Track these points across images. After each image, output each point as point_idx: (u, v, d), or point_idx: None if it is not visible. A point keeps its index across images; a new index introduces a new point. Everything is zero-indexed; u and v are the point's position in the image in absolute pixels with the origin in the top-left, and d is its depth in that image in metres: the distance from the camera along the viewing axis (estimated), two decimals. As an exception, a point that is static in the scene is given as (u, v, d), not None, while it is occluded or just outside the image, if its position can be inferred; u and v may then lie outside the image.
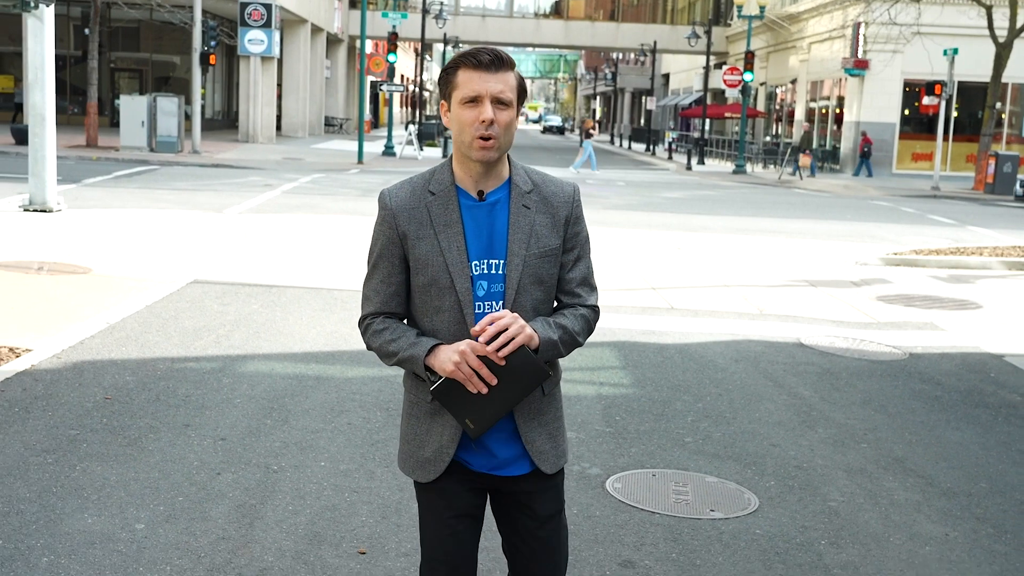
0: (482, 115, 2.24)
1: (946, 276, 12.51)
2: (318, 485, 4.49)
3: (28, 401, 5.42)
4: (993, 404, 6.66)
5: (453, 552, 2.39)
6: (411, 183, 2.39)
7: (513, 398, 2.26)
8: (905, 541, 4.33)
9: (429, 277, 2.32)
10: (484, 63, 2.26)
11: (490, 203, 2.35)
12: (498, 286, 2.33)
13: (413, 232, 2.34)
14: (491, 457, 2.37)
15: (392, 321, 2.39)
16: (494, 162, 2.32)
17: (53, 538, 3.80)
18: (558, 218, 2.39)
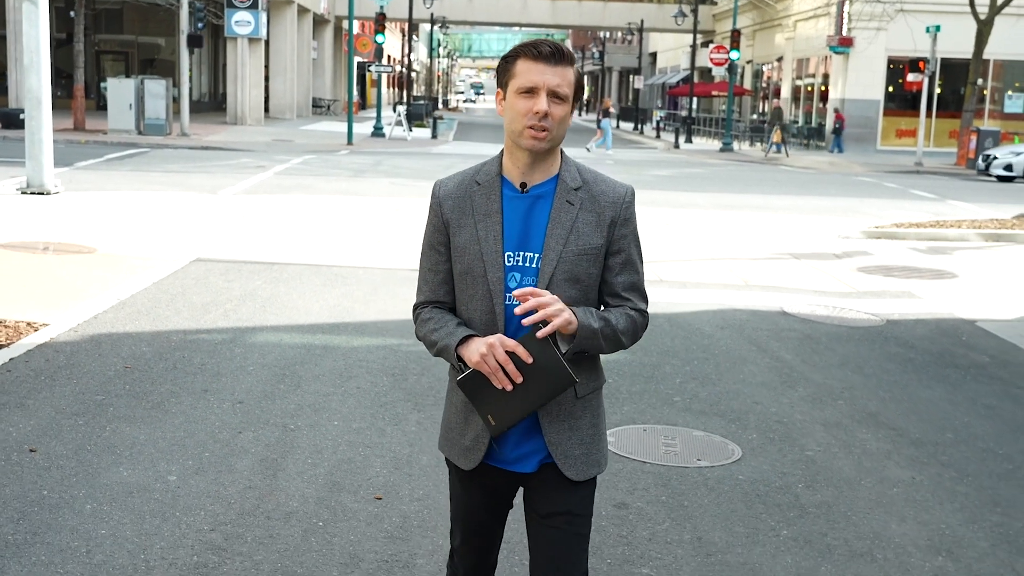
0: (536, 106, 2.24)
1: (925, 248, 12.91)
2: (333, 441, 4.84)
3: (52, 370, 5.73)
4: (963, 365, 7.05)
5: (476, 525, 2.49)
6: (462, 174, 2.42)
7: (537, 400, 2.21)
8: (875, 484, 4.71)
9: (465, 265, 2.33)
10: (544, 55, 2.25)
11: (533, 196, 2.33)
12: (530, 279, 2.31)
13: (455, 220, 2.35)
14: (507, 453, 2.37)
15: (438, 311, 2.39)
16: (543, 154, 2.31)
17: (93, 488, 4.13)
18: (604, 218, 2.35)
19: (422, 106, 43.57)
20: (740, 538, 4.06)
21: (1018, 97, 36.72)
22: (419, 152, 28.14)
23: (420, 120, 40.91)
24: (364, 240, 11.13)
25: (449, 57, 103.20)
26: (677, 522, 4.14)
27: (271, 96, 41.81)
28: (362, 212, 13.83)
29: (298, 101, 43.63)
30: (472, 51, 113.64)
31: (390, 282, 8.93)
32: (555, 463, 2.32)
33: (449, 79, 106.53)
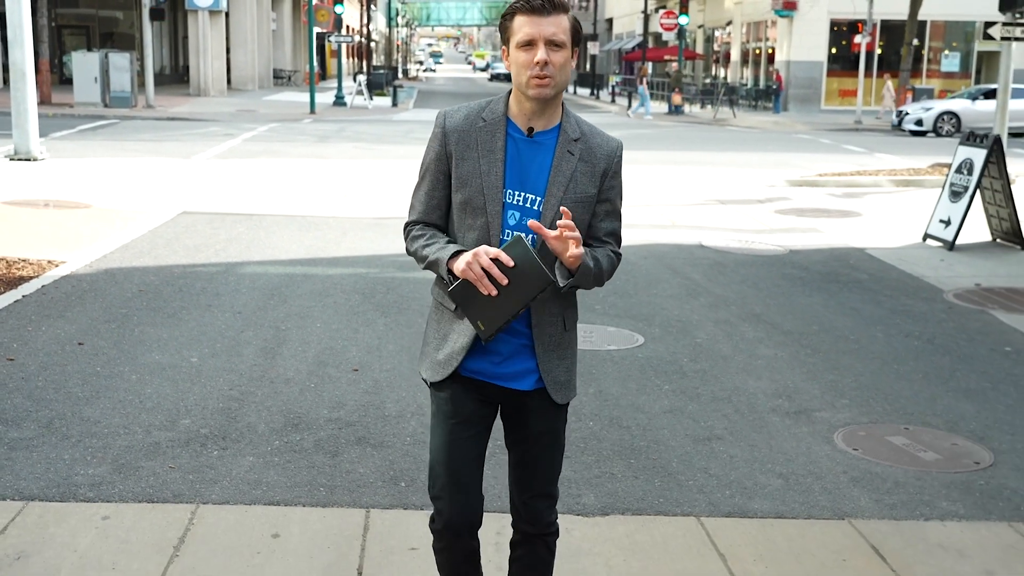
0: (536, 57, 2.37)
1: (840, 193, 14.29)
2: (317, 336, 6.06)
3: (79, 294, 6.88)
4: (844, 281, 8.40)
5: (454, 458, 2.53)
6: (467, 108, 2.55)
7: (520, 301, 2.34)
8: (744, 358, 6.02)
9: (465, 196, 2.45)
10: (537, 8, 2.38)
11: (537, 141, 2.47)
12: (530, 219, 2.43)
13: (459, 153, 2.47)
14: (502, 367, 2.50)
15: (430, 229, 2.53)
16: (549, 100, 2.43)
17: (134, 367, 5.33)
18: (597, 169, 2.49)
19: (382, 75, 44.34)
20: (631, 390, 5.35)
21: (954, 56, 38.34)
22: (380, 119, 29.12)
23: (380, 89, 41.72)
24: (332, 195, 12.27)
25: (408, 26, 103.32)
26: (585, 382, 5.40)
27: (233, 68, 42.37)
28: (329, 172, 14.95)
29: (259, 72, 44.23)
30: (431, 20, 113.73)
31: (357, 228, 10.11)
32: (544, 387, 2.52)
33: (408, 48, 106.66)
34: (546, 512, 2.64)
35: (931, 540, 3.77)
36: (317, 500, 3.85)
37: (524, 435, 2.59)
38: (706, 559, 3.54)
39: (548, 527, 2.65)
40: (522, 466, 2.62)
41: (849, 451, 4.63)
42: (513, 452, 2.64)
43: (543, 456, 2.60)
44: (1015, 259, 9.55)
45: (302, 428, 4.59)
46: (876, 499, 4.12)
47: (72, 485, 3.89)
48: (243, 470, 4.10)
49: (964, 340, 6.65)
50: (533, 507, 2.63)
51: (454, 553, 2.60)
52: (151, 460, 4.16)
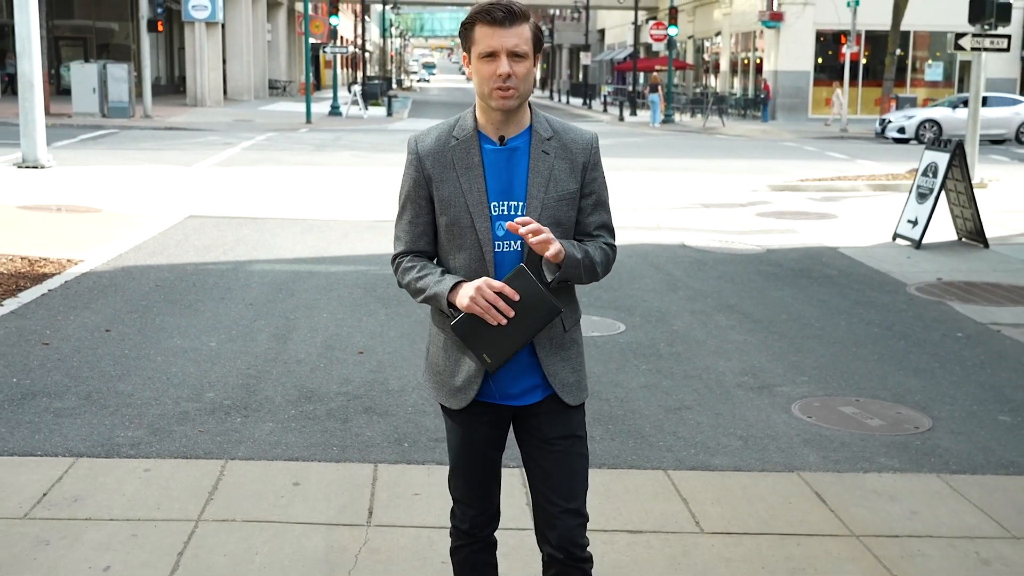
0: (499, 69, 2.35)
1: (819, 197, 14.88)
2: (324, 324, 6.59)
3: (99, 288, 7.40)
4: (815, 276, 8.96)
5: (473, 471, 2.59)
6: (437, 129, 2.52)
7: (527, 333, 2.34)
8: (716, 343, 6.57)
9: (451, 217, 2.43)
10: (498, 19, 2.35)
11: (510, 148, 2.45)
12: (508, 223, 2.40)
13: (438, 175, 2.45)
14: (507, 388, 2.49)
15: (420, 260, 2.50)
16: (514, 110, 2.42)
17: (158, 350, 5.85)
18: (576, 164, 2.48)
19: (376, 86, 44.93)
20: (611, 370, 5.88)
21: (938, 66, 39.07)
22: (376, 128, 29.68)
23: (375, 99, 42.30)
24: (332, 200, 12.81)
25: (402, 37, 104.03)
26: (570, 363, 5.93)
27: (229, 78, 42.93)
28: (327, 179, 15.49)
29: (255, 83, 44.80)
30: (424, 30, 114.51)
31: (357, 230, 10.64)
32: (554, 393, 2.49)
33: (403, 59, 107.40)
34: (578, 533, 2.53)
35: (867, 488, 4.31)
36: (331, 457, 4.38)
37: (540, 444, 2.54)
38: (670, 502, 4.07)
39: (582, 550, 2.54)
40: (543, 478, 2.54)
41: (804, 418, 5.17)
42: (532, 467, 2.57)
43: (563, 464, 2.52)
44: (977, 256, 10.12)
45: (315, 400, 5.12)
46: (823, 456, 4.66)
47: (114, 445, 4.42)
48: (264, 433, 4.63)
49: (920, 327, 7.20)
50: (562, 525, 2.51)
51: (475, 551, 2.63)
52: (182, 425, 4.69)
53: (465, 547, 2.65)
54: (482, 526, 2.63)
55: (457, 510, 2.64)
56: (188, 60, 37.85)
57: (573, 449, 2.55)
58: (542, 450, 2.54)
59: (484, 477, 2.61)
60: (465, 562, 2.67)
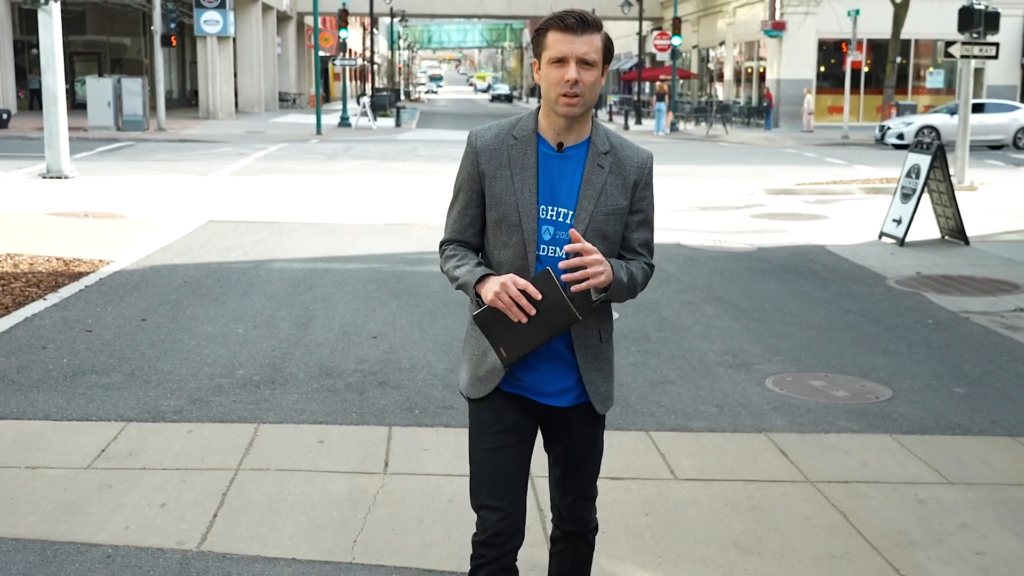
0: (567, 75, 2.39)
1: (813, 200, 15.42)
2: (340, 314, 7.17)
3: (132, 284, 8.00)
4: (801, 271, 9.50)
5: (498, 464, 2.53)
6: (498, 126, 2.57)
7: (545, 334, 2.39)
8: (702, 328, 7.11)
9: (500, 213, 2.48)
10: (571, 26, 2.39)
11: (567, 156, 2.50)
12: (563, 234, 2.46)
13: (492, 171, 2.50)
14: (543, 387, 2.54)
15: (463, 249, 2.56)
16: (577, 118, 2.47)
17: (191, 335, 6.44)
18: (628, 181, 2.51)
19: (385, 97, 45.67)
20: (604, 351, 6.43)
21: (939, 73, 39.58)
22: (385, 139, 30.33)
23: (384, 110, 43.03)
24: (344, 206, 13.41)
25: (410, 49, 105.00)
26: (566, 345, 6.49)
27: (240, 91, 43.70)
28: (339, 186, 16.09)
29: (265, 95, 45.57)
30: (432, 42, 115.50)
31: (368, 232, 11.23)
32: (587, 401, 2.55)
33: (411, 71, 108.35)
34: (587, 512, 2.71)
35: (826, 445, 4.85)
36: (351, 421, 4.95)
37: (565, 446, 2.63)
38: (649, 456, 4.62)
39: (589, 524, 2.73)
40: (563, 472, 2.66)
41: (776, 391, 5.71)
42: (553, 458, 2.68)
43: (583, 462, 2.65)
44: (957, 252, 10.65)
45: (334, 376, 5.69)
46: (789, 420, 5.21)
47: (159, 412, 4.99)
48: (290, 402, 5.20)
49: (894, 314, 7.74)
50: (575, 509, 2.68)
51: (493, 570, 2.53)
52: (218, 396, 5.26)
53: (484, 567, 2.53)
54: (503, 534, 2.50)
55: (478, 520, 2.56)
56: (200, 73, 38.61)
57: (594, 451, 2.66)
58: (565, 453, 2.63)
59: (509, 471, 2.54)
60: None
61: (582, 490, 2.68)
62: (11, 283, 7.64)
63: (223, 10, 36.96)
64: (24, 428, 4.69)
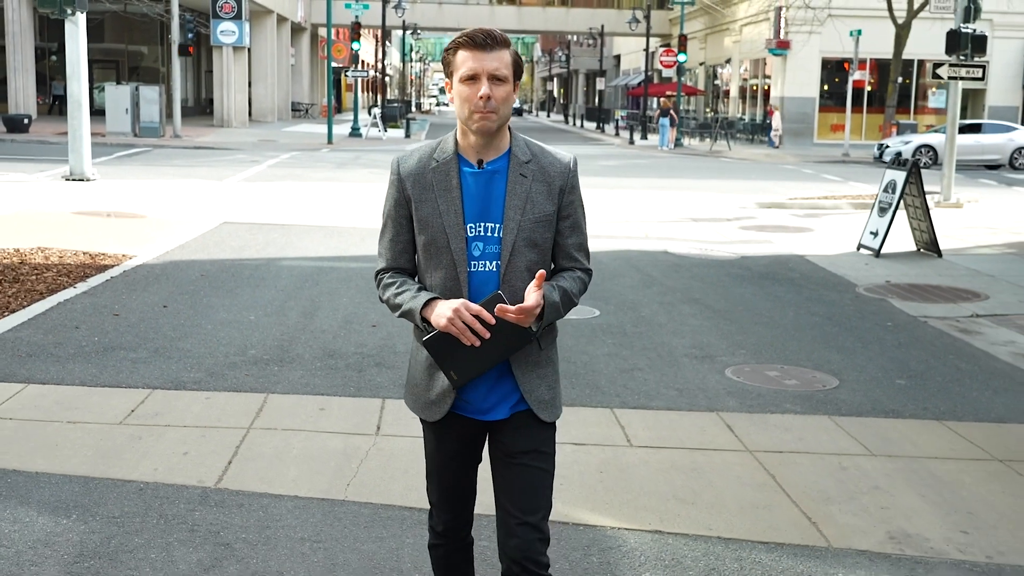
0: (480, 91, 2.43)
1: (802, 214, 16.04)
2: (344, 306, 7.83)
3: (152, 277, 8.67)
4: (777, 278, 10.12)
5: (448, 478, 2.69)
6: (419, 151, 2.61)
7: (498, 356, 2.43)
8: (676, 326, 7.74)
9: (429, 236, 2.51)
10: (479, 43, 2.44)
11: (489, 171, 2.52)
12: (493, 247, 2.50)
13: (417, 196, 2.53)
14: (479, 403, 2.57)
15: (400, 276, 2.58)
16: (493, 133, 2.49)
17: (208, 321, 7.10)
18: (554, 187, 2.55)
19: (396, 108, 46.50)
20: (582, 343, 7.07)
21: (941, 93, 40.14)
22: (394, 149, 31.07)
23: (394, 121, 43.85)
24: (351, 211, 14.10)
25: (422, 61, 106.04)
26: (548, 337, 7.13)
27: (254, 100, 44.58)
28: (348, 193, 16.80)
29: (278, 105, 46.45)
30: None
31: (373, 236, 11.83)
32: (526, 409, 2.56)
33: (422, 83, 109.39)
34: (536, 548, 2.54)
35: (769, 423, 5.47)
36: (348, 393, 5.60)
37: (505, 458, 2.60)
38: (610, 428, 5.25)
39: (543, 568, 2.55)
40: (505, 490, 2.60)
41: (733, 378, 6.34)
42: (497, 480, 2.64)
43: (524, 476, 2.57)
44: (928, 264, 11.26)
45: (336, 357, 6.34)
46: (740, 402, 5.83)
47: (180, 382, 5.65)
48: (296, 377, 5.85)
49: (857, 318, 8.36)
50: (520, 537, 2.54)
51: (450, 551, 2.76)
52: (232, 371, 5.92)
53: (441, 547, 2.78)
54: (456, 529, 2.75)
55: (433, 512, 2.75)
56: (216, 83, 39.46)
57: (536, 464, 2.60)
58: (506, 463, 2.61)
59: (457, 487, 2.70)
60: (442, 560, 2.80)
61: (525, 510, 2.55)
62: (43, 273, 8.34)
63: (239, 21, 37.82)
64: (63, 391, 5.36)
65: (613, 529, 4.05)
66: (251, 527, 3.84)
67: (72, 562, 3.50)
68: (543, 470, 2.61)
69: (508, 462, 2.61)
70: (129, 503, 4.00)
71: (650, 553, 3.86)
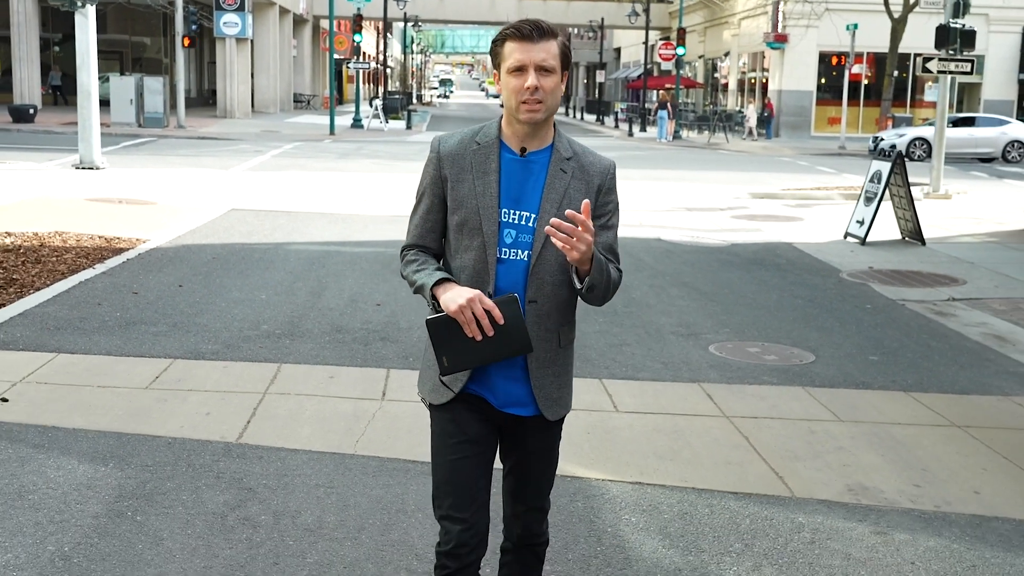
0: (527, 82, 2.42)
1: (794, 204, 16.45)
2: (350, 286, 8.24)
3: (167, 259, 9.09)
4: (764, 263, 10.53)
5: (462, 474, 2.53)
6: (461, 133, 2.61)
7: (493, 355, 2.40)
8: (664, 306, 8.16)
9: (462, 217, 2.50)
10: (527, 34, 2.43)
11: (529, 160, 2.52)
12: (526, 236, 2.48)
13: (455, 176, 2.52)
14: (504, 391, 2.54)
15: (423, 255, 2.58)
16: (539, 124, 2.49)
17: (222, 299, 7.52)
18: (592, 186, 2.54)
19: (397, 100, 46.85)
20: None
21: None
22: (395, 140, 31.47)
23: (395, 113, 44.21)
24: (354, 199, 14.51)
25: (423, 53, 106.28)
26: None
27: (256, 91, 44.94)
28: (350, 182, 17.20)
29: (280, 96, 46.82)
30: (445, 47, 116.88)
31: (376, 222, 12.32)
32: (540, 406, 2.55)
33: (423, 75, 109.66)
34: (537, 524, 2.73)
35: (747, 393, 5.89)
36: (356, 364, 6.02)
37: (520, 454, 2.65)
38: (598, 395, 5.67)
39: (539, 537, 2.75)
40: (516, 481, 2.68)
41: (716, 354, 6.76)
42: (508, 468, 2.71)
43: (536, 471, 2.67)
44: (911, 251, 11.68)
45: (344, 332, 6.76)
46: (721, 374, 6.25)
47: (199, 353, 6.07)
48: (307, 349, 6.27)
49: (838, 300, 8.77)
50: (526, 520, 2.70)
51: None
52: (246, 344, 6.34)
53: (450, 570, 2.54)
54: (467, 545, 2.52)
55: (441, 530, 2.57)
56: (219, 74, 39.83)
57: (549, 460, 2.68)
58: (520, 461, 2.66)
59: (472, 482, 2.55)
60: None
61: (534, 500, 2.70)
62: (63, 255, 8.76)
63: (242, 13, 38.15)
64: (92, 360, 5.79)
65: (598, 480, 4.47)
66: (271, 475, 4.26)
67: (113, 501, 3.92)
68: (552, 464, 2.70)
69: (523, 460, 2.66)
70: (160, 454, 4.42)
71: (630, 500, 4.28)
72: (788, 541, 3.96)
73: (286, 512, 3.91)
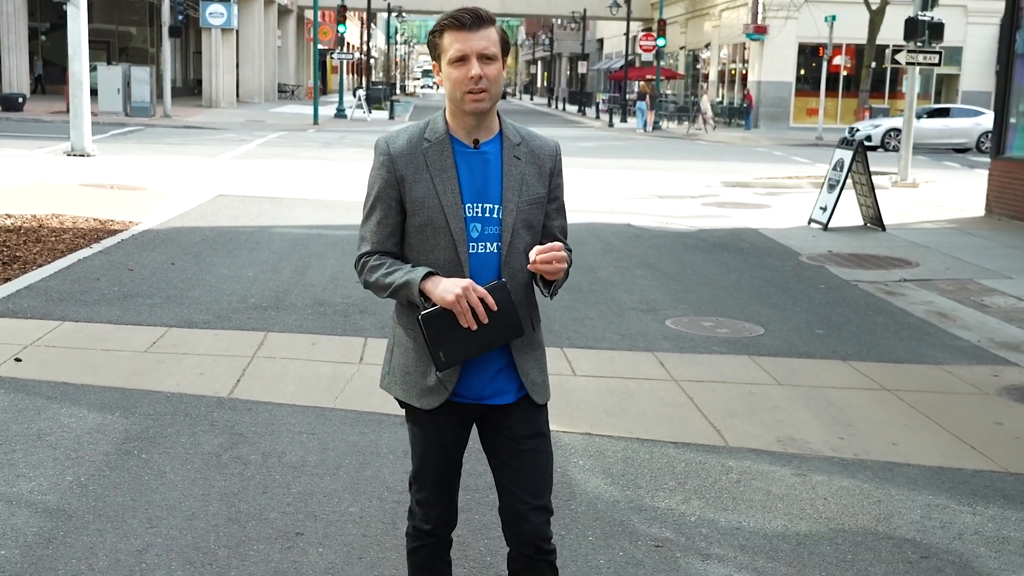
0: (470, 72, 2.41)
1: (764, 192, 17.01)
2: (331, 266, 8.74)
3: (158, 240, 9.55)
4: (728, 247, 11.08)
5: (440, 471, 2.64)
6: (407, 131, 2.54)
7: (486, 344, 2.42)
8: (627, 285, 8.69)
9: (424, 218, 2.46)
10: (466, 23, 2.41)
11: (484, 152, 2.51)
12: (492, 229, 2.49)
13: (411, 176, 2.47)
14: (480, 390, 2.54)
15: (387, 258, 2.52)
16: (486, 113, 2.48)
17: (211, 276, 8.00)
18: (544, 170, 2.57)
19: (380, 90, 47.21)
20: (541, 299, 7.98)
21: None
22: (379, 130, 31.84)
23: (379, 103, 44.57)
24: (337, 186, 14.98)
25: (407, 44, 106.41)
26: (513, 293, 8.07)
27: (241, 82, 45.24)
28: (334, 170, 17.66)
29: (265, 86, 47.12)
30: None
31: (358, 208, 12.54)
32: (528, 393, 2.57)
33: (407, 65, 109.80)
34: (546, 528, 2.63)
35: (697, 361, 6.42)
36: (336, 333, 6.52)
37: (510, 444, 2.60)
38: (559, 361, 6.19)
39: (548, 544, 2.64)
40: (513, 477, 2.61)
41: (671, 327, 7.29)
42: (501, 466, 2.64)
43: (532, 461, 2.61)
44: (871, 237, 12.25)
45: (325, 305, 7.26)
46: (674, 345, 6.78)
47: (192, 323, 6.56)
48: (291, 320, 6.77)
49: (794, 281, 9.32)
50: (532, 522, 2.60)
51: (434, 550, 2.70)
52: (235, 315, 6.83)
53: (425, 547, 2.70)
54: (444, 525, 2.69)
55: (419, 511, 2.67)
56: (204, 64, 40.12)
57: (541, 447, 2.62)
58: (511, 449, 2.60)
59: (450, 477, 2.67)
60: (423, 562, 2.72)
61: (535, 496, 2.61)
62: (61, 235, 9.22)
63: (227, 3, 38.47)
64: (94, 328, 6.28)
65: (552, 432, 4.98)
66: (259, 423, 4.77)
67: (120, 443, 4.43)
68: (547, 453, 2.64)
69: (515, 448, 2.60)
70: (160, 406, 4.93)
71: (579, 447, 4.81)
72: (716, 480, 4.49)
73: (273, 453, 4.43)
